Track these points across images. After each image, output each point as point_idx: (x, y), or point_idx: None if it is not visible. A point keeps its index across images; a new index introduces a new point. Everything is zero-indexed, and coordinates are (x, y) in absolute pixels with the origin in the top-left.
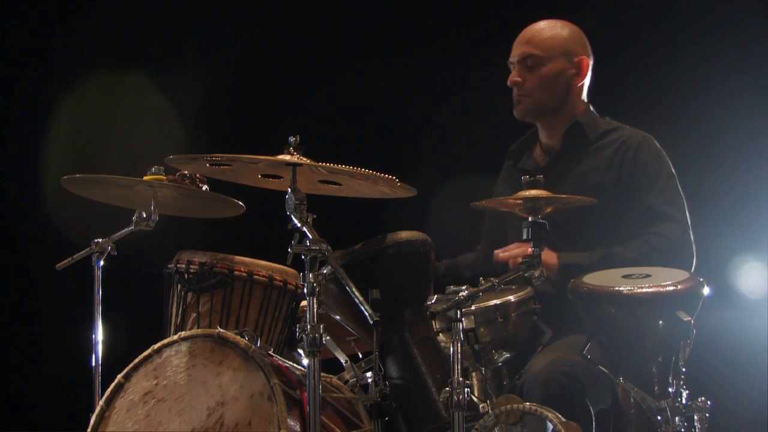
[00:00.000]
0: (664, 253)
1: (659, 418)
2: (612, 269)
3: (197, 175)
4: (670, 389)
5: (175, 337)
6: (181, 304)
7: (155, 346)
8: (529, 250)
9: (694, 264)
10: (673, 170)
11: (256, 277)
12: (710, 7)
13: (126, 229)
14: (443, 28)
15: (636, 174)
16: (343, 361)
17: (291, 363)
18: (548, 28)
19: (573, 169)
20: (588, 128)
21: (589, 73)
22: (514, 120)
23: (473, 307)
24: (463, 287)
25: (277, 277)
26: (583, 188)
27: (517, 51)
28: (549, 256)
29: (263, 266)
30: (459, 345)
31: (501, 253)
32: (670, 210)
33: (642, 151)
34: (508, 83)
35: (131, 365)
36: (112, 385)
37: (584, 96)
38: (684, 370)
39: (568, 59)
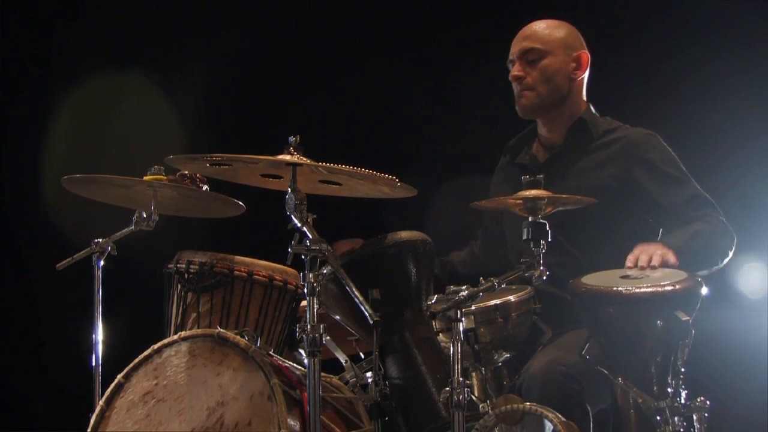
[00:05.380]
0: (721, 233)
1: (658, 418)
2: (611, 269)
3: (197, 175)
4: (669, 389)
5: (175, 337)
6: (181, 304)
7: (155, 346)
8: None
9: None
10: None
11: (256, 277)
12: (710, 7)
13: (126, 229)
14: (443, 28)
15: (658, 167)
16: (343, 361)
17: (291, 363)
18: (546, 26)
19: (574, 166)
20: (592, 126)
21: (588, 69)
22: (515, 120)
23: (473, 307)
24: (463, 287)
25: (277, 277)
26: (585, 185)
27: (516, 47)
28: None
29: (263, 266)
30: (459, 345)
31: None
32: (707, 196)
33: (656, 147)
34: (510, 78)
35: (131, 365)
36: (112, 385)
37: (584, 95)
38: (683, 370)
39: (568, 53)
